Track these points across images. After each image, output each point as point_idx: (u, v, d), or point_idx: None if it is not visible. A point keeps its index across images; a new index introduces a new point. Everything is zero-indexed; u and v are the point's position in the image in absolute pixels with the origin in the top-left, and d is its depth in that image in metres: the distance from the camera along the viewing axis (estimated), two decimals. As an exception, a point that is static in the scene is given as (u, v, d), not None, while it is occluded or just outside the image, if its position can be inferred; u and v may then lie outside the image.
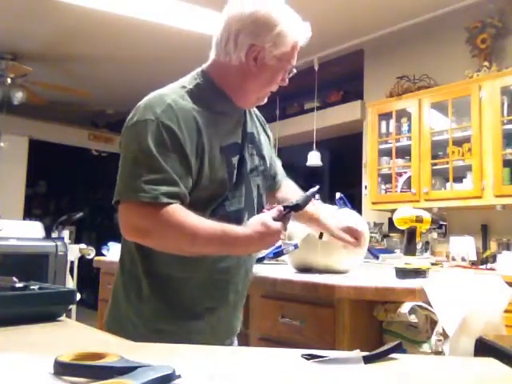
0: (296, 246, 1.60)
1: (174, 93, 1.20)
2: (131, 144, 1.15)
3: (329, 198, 1.91)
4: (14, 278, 1.15)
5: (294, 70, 1.31)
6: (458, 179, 3.70)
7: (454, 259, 3.60)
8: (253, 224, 1.18)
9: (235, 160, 1.24)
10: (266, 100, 1.33)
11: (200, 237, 1.12)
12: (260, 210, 1.34)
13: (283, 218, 1.20)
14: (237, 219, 1.24)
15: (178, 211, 1.10)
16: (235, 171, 1.24)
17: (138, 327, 1.21)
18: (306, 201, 1.27)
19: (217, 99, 1.24)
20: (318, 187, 1.30)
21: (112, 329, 1.17)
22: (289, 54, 1.26)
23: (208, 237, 1.12)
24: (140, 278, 1.22)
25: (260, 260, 1.69)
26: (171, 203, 1.09)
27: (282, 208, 1.21)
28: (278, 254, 1.66)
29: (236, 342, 1.40)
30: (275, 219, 1.18)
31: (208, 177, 1.18)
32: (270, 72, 1.25)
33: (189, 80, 1.26)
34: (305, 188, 1.38)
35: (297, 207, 1.25)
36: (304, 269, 1.77)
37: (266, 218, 1.18)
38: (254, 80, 1.25)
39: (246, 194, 1.28)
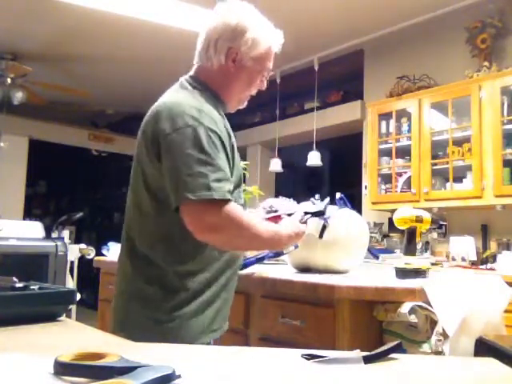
0: (296, 246, 1.60)
1: (195, 99, 1.31)
2: (187, 148, 1.20)
3: (329, 199, 1.91)
4: (14, 278, 1.15)
5: (272, 73, 1.45)
6: (458, 179, 3.70)
7: (453, 259, 3.60)
8: (289, 225, 1.42)
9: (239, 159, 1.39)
10: (245, 104, 1.47)
11: (263, 237, 1.29)
12: None
13: (305, 221, 1.46)
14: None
15: (239, 209, 1.24)
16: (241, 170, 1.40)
17: (170, 324, 1.27)
18: (326, 208, 1.52)
19: (215, 102, 1.36)
20: (329, 198, 1.57)
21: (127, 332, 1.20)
22: (264, 57, 1.39)
23: (266, 238, 1.30)
24: (165, 278, 1.28)
25: (260, 260, 1.69)
26: (231, 200, 1.22)
27: (304, 213, 1.47)
28: (278, 254, 1.66)
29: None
30: (300, 222, 1.44)
31: (236, 174, 1.32)
32: (247, 73, 1.38)
33: (188, 90, 1.35)
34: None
35: (318, 213, 1.51)
36: (304, 268, 1.77)
37: (296, 221, 1.44)
38: (234, 81, 1.38)
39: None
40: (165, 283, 1.28)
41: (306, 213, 1.46)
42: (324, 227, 1.66)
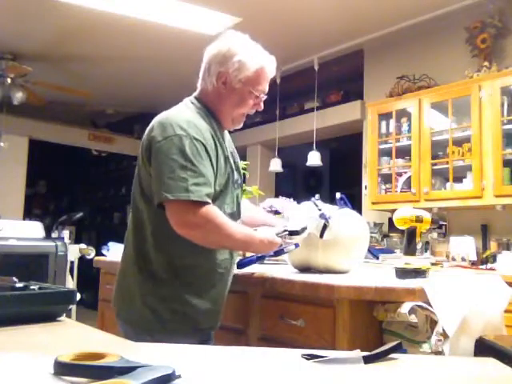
0: (297, 245, 1.61)
1: (189, 114, 1.48)
2: (172, 154, 1.37)
3: (329, 198, 1.91)
4: (14, 278, 1.16)
5: (264, 96, 1.58)
6: (458, 179, 3.70)
7: (453, 259, 3.60)
8: (264, 232, 1.54)
9: (229, 169, 1.52)
10: (242, 124, 1.62)
11: (236, 237, 1.43)
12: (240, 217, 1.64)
13: (281, 236, 1.57)
14: (233, 220, 1.51)
15: (215, 210, 1.39)
16: (229, 179, 1.52)
17: (159, 311, 1.43)
18: (303, 230, 1.61)
19: (211, 119, 1.52)
20: (307, 227, 1.63)
21: (128, 318, 1.49)
22: (253, 79, 1.53)
23: (238, 238, 1.44)
24: (158, 269, 1.45)
25: (261, 259, 1.69)
26: (209, 203, 1.37)
27: (283, 229, 1.58)
28: (278, 253, 1.66)
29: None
30: (277, 235, 1.56)
31: (218, 182, 1.45)
32: (237, 94, 1.53)
33: (188, 106, 1.53)
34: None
35: (293, 233, 1.60)
36: (304, 268, 1.77)
37: (272, 232, 1.56)
38: (225, 101, 1.54)
39: (236, 200, 1.58)
40: (158, 276, 1.45)
41: (285, 230, 1.59)
42: (325, 226, 1.66)
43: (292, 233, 1.61)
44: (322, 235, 1.65)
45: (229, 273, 1.57)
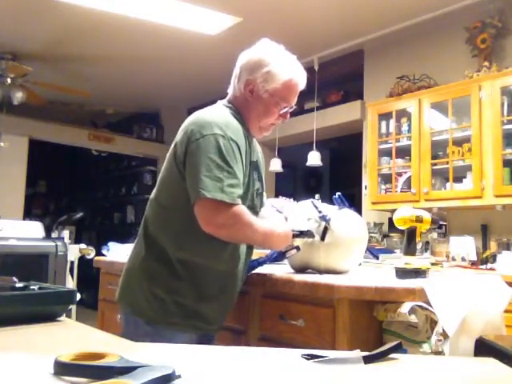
0: (298, 249, 1.59)
1: (224, 115, 1.51)
2: (210, 153, 1.39)
3: (329, 198, 1.91)
4: (14, 278, 1.16)
5: (292, 108, 1.59)
6: (458, 179, 3.70)
7: (453, 259, 3.60)
8: (282, 227, 1.56)
9: (251, 176, 1.55)
10: (269, 132, 1.63)
11: (260, 235, 1.47)
12: None
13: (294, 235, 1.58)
14: None
15: (246, 211, 1.43)
16: (250, 186, 1.54)
17: (166, 302, 1.46)
18: (310, 234, 1.62)
19: (242, 123, 1.54)
20: (311, 231, 1.63)
21: (132, 305, 1.51)
22: (281, 92, 1.53)
23: (261, 237, 1.48)
24: (171, 263, 1.48)
25: (261, 264, 1.69)
26: (239, 204, 1.40)
27: (295, 229, 1.59)
28: (278, 258, 1.66)
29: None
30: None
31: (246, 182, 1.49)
32: (263, 104, 1.55)
33: (224, 108, 1.56)
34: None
35: (304, 234, 1.60)
36: (303, 269, 1.76)
37: (289, 226, 1.59)
38: (251, 109, 1.56)
39: (254, 208, 1.58)
40: (167, 265, 1.47)
41: (297, 230, 1.59)
42: (326, 229, 1.64)
43: (301, 233, 1.61)
44: (323, 238, 1.64)
45: (240, 281, 1.61)
